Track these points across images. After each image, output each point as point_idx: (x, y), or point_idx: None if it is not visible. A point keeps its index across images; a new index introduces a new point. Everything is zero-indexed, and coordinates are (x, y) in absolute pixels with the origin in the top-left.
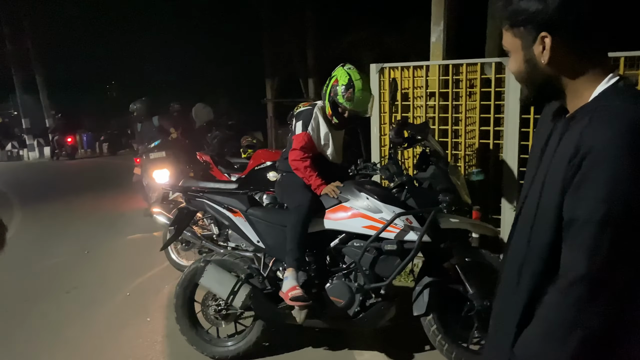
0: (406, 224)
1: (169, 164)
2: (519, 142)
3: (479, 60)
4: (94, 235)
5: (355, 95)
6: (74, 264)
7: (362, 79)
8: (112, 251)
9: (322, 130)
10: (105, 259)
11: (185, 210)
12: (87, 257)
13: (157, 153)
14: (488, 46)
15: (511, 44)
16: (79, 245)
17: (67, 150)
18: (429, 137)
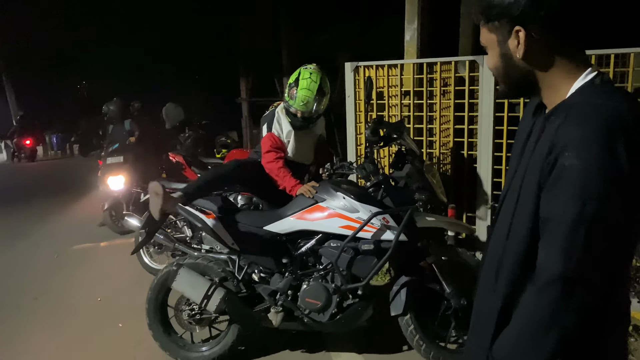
0: (383, 224)
1: (126, 170)
2: (493, 140)
3: (453, 59)
4: (62, 239)
5: (298, 94)
6: (41, 268)
7: (310, 78)
8: (82, 255)
9: (285, 129)
10: (75, 263)
11: None
12: (56, 261)
13: (114, 158)
14: (461, 45)
15: (487, 39)
16: (46, 248)
17: (26, 153)
18: (404, 135)
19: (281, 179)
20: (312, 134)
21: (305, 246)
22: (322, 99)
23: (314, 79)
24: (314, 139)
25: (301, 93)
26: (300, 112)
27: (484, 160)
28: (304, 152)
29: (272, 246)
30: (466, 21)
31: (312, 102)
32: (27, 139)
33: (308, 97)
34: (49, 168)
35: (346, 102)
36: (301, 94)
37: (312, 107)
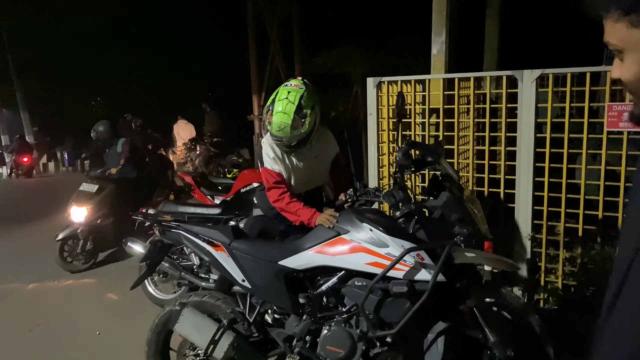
0: (417, 261)
1: (95, 202)
2: (534, 163)
3: (488, 74)
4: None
5: (273, 119)
6: (38, 295)
7: (287, 98)
8: (83, 281)
9: (278, 158)
10: (75, 290)
11: (159, 243)
12: (56, 287)
13: (88, 185)
14: (486, 59)
15: (625, 38)
16: (45, 273)
17: (23, 169)
18: (442, 159)
19: (294, 213)
20: (315, 153)
21: (326, 284)
22: (302, 120)
23: (291, 99)
24: (320, 158)
25: (276, 118)
26: (284, 140)
27: (524, 186)
28: (311, 175)
29: (288, 284)
30: (491, 34)
31: (288, 127)
32: (25, 156)
33: (283, 121)
34: (46, 185)
35: (368, 120)
36: (276, 118)
37: (289, 132)
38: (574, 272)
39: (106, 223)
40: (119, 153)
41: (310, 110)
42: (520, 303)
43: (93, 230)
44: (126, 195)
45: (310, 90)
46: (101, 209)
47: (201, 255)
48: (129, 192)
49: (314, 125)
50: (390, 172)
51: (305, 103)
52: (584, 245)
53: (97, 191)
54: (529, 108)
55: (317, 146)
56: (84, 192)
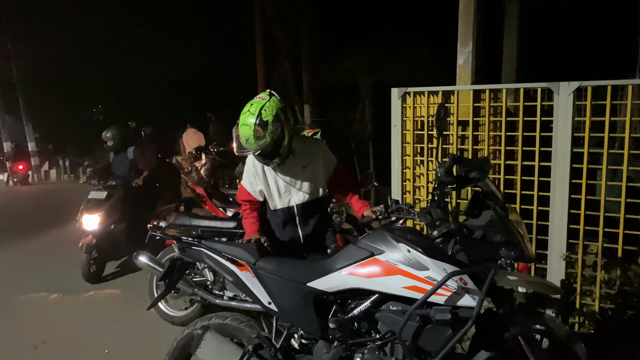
0: (460, 285)
1: (105, 209)
2: (570, 180)
3: (522, 85)
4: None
5: (238, 132)
6: (43, 310)
7: (248, 111)
8: (90, 294)
9: (258, 173)
10: (82, 304)
11: (179, 261)
12: (61, 302)
13: (97, 193)
14: (504, 71)
15: None
16: (50, 285)
17: (19, 177)
18: (487, 177)
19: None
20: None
21: (358, 309)
22: (265, 129)
23: (252, 110)
24: (309, 169)
25: (239, 131)
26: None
27: (559, 203)
28: (300, 187)
29: (317, 307)
30: (510, 45)
31: (252, 137)
32: (20, 163)
33: (245, 133)
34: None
35: (392, 132)
36: (239, 132)
37: (253, 143)
38: (611, 294)
39: (119, 229)
40: (130, 160)
41: (273, 119)
42: (566, 331)
43: (106, 238)
44: (136, 201)
45: (274, 101)
46: (112, 215)
47: (225, 275)
48: (138, 198)
49: (281, 135)
50: (415, 185)
51: (266, 113)
52: (622, 266)
53: (106, 197)
54: (565, 122)
55: (304, 157)
56: (93, 200)
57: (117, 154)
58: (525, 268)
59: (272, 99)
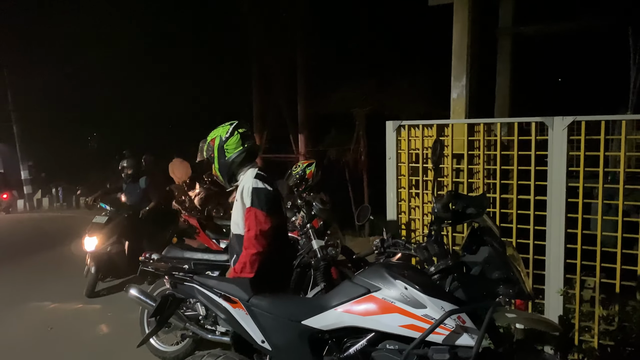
0: (458, 324)
1: (103, 233)
2: (566, 214)
3: (516, 120)
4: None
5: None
6: (31, 344)
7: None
8: (79, 327)
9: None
10: (72, 338)
11: (171, 297)
12: (48, 336)
13: (100, 217)
14: (497, 104)
15: None
16: (38, 318)
17: (1, 206)
18: (484, 213)
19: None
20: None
21: (354, 347)
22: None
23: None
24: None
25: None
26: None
27: (555, 238)
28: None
29: (312, 346)
30: (502, 79)
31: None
32: (4, 193)
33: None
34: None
35: (387, 164)
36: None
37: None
38: (610, 330)
39: (116, 251)
40: (143, 189)
41: (209, 140)
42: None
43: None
44: (139, 227)
45: (221, 127)
46: (109, 238)
47: (217, 312)
48: (143, 223)
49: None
50: (410, 218)
51: (210, 134)
52: (620, 302)
53: (106, 222)
54: (560, 156)
55: (238, 190)
56: (95, 224)
57: (131, 183)
58: (523, 304)
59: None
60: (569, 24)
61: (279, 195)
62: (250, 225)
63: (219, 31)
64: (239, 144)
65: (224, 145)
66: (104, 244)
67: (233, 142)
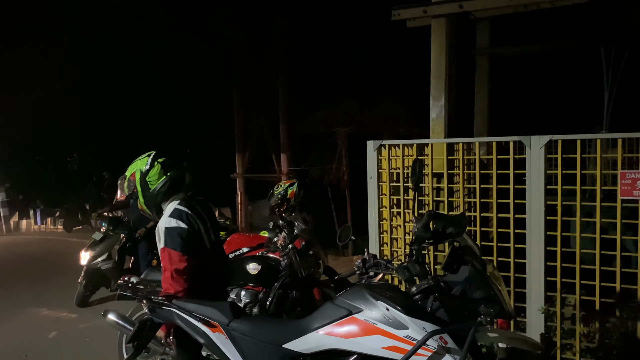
0: (440, 345)
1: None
2: (545, 232)
3: (495, 139)
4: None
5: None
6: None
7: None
8: (54, 351)
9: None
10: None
11: (149, 322)
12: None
13: (98, 234)
14: (476, 124)
15: None
16: (11, 345)
17: None
18: (465, 233)
19: None
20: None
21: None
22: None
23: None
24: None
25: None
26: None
27: (535, 256)
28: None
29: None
30: (480, 99)
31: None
32: None
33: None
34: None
35: (368, 184)
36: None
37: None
38: (592, 348)
39: (106, 267)
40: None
41: (128, 175)
42: None
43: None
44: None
45: (139, 160)
46: (100, 254)
47: (196, 337)
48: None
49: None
50: (391, 237)
51: (128, 170)
52: (601, 318)
53: (100, 239)
54: (538, 174)
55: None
56: (93, 240)
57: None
58: (505, 323)
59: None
60: (544, 46)
61: (199, 232)
62: (165, 266)
63: (200, 51)
64: (162, 174)
65: (145, 177)
66: (96, 259)
67: (155, 173)
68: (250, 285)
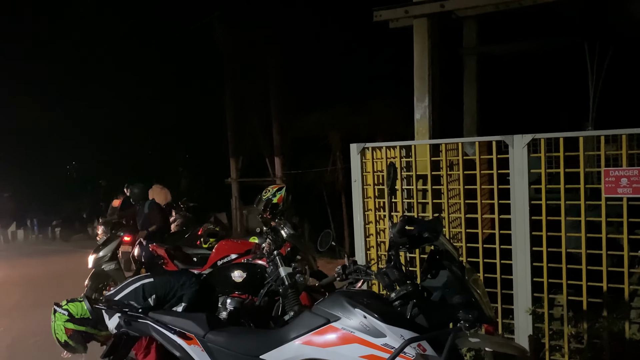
0: (419, 352)
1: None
2: (530, 232)
3: (477, 139)
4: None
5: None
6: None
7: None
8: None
9: None
10: None
11: (125, 336)
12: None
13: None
14: (466, 124)
15: None
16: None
17: None
18: (441, 236)
19: None
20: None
21: None
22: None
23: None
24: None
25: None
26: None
27: (521, 257)
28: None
29: None
30: (470, 99)
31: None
32: None
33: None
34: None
35: (352, 187)
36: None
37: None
38: (581, 349)
39: (109, 269)
40: (146, 213)
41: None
42: None
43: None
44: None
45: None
46: (104, 257)
47: (172, 349)
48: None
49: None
50: (377, 241)
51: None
52: (590, 319)
53: (102, 243)
54: (521, 174)
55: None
56: (98, 243)
57: (140, 207)
58: (492, 327)
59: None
60: (531, 44)
61: None
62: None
63: (192, 56)
64: None
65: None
66: (100, 261)
67: None
68: (237, 293)
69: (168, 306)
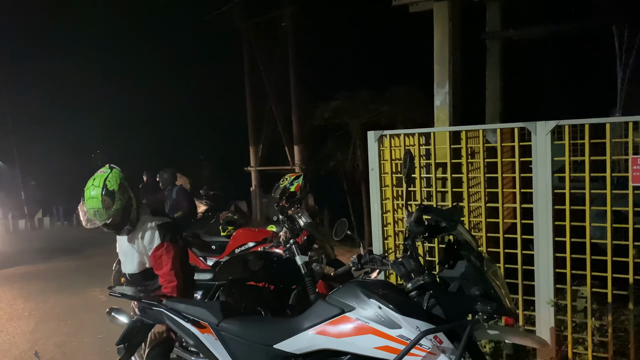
0: (435, 344)
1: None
2: (553, 222)
3: (498, 126)
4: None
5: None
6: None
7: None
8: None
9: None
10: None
11: (139, 323)
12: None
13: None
14: (488, 110)
15: None
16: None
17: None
18: (459, 226)
19: None
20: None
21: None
22: (112, 198)
23: (96, 184)
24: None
25: (86, 206)
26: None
27: (543, 247)
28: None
29: None
30: (492, 84)
31: (101, 209)
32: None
33: (93, 206)
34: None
35: (370, 175)
36: (86, 207)
37: (104, 214)
38: (605, 342)
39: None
40: (174, 199)
41: (118, 187)
42: None
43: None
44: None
45: (115, 172)
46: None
47: (185, 337)
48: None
49: (129, 201)
50: (395, 230)
51: (111, 183)
52: (615, 311)
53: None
54: (544, 162)
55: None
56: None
57: (168, 193)
58: (511, 321)
59: (114, 171)
60: (556, 27)
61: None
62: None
63: (211, 46)
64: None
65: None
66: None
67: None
68: (252, 282)
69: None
